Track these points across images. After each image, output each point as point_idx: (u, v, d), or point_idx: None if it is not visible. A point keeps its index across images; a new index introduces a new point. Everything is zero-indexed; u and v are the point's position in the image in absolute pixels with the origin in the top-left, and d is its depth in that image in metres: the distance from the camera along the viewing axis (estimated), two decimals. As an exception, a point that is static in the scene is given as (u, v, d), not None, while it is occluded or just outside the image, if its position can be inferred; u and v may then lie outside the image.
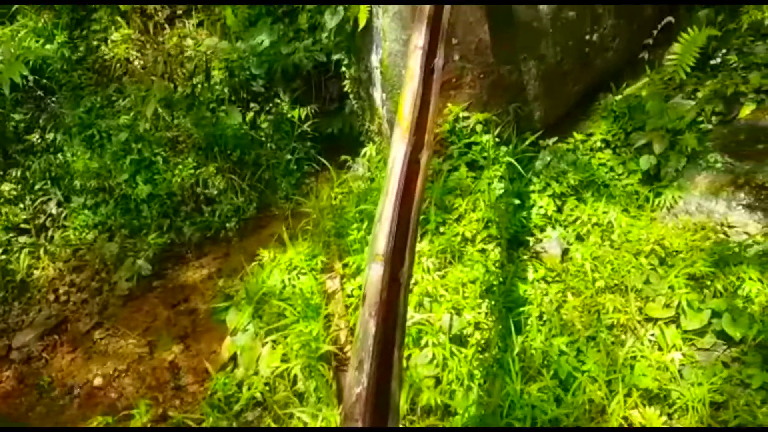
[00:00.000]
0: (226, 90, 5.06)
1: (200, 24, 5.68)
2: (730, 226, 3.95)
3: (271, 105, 5.45)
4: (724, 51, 4.51)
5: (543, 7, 4.35)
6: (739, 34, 4.54)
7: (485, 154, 4.51)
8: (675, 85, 4.60)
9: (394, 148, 2.30)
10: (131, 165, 4.97)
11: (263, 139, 5.47)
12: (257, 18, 5.69)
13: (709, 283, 3.55)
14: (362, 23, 4.65)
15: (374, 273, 1.91)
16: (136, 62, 5.51)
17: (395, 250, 1.98)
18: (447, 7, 2.89)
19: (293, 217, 5.04)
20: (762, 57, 4.38)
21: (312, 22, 5.12)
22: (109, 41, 5.52)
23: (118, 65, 5.49)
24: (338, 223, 4.44)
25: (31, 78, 5.01)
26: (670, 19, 4.61)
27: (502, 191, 4.34)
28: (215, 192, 5.07)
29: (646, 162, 4.38)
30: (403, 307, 2.03)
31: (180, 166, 5.02)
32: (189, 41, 5.00)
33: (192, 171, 5.03)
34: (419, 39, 2.67)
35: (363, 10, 4.61)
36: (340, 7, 4.61)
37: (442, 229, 4.18)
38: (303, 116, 5.44)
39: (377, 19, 4.61)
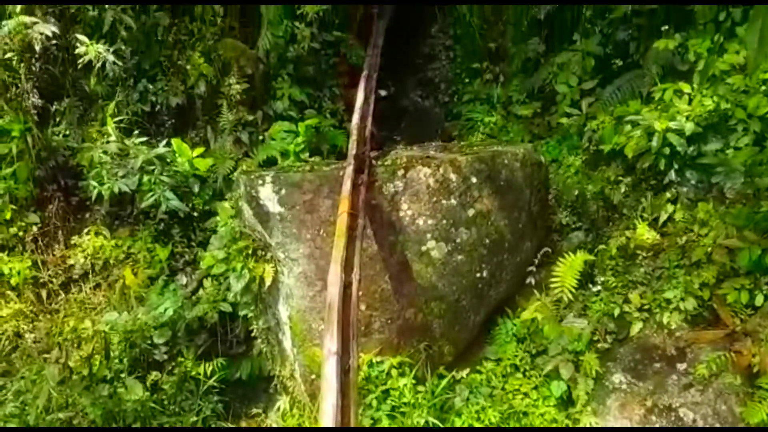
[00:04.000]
0: (125, 361, 4.76)
1: (97, 286, 5.51)
2: (650, 453, 4.01)
3: (174, 364, 5.16)
4: (602, 276, 4.98)
5: (434, 254, 4.70)
6: (611, 255, 5.09)
7: (404, 399, 4.44)
8: (564, 304, 4.96)
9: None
10: (17, 462, 4.34)
11: (165, 402, 5.07)
12: (159, 274, 5.63)
13: None
14: (268, 282, 4.73)
15: None
16: (27, 336, 5.13)
17: None
18: (354, 301, 2.99)
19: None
20: (635, 275, 4.90)
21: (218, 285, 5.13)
22: (-4, 317, 5.15)
23: (7, 342, 5.08)
24: None
25: None
26: (547, 249, 5.13)
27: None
28: (110, 482, 4.48)
29: (557, 388, 4.53)
30: None
31: (73, 454, 4.45)
32: (87, 323, 4.78)
33: (87, 459, 4.47)
34: (332, 343, 2.70)
35: (268, 270, 4.73)
36: (246, 270, 4.70)
37: None
38: (209, 372, 5.16)
39: (283, 276, 4.73)
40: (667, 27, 5.65)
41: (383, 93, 6.85)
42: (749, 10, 4.94)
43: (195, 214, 5.79)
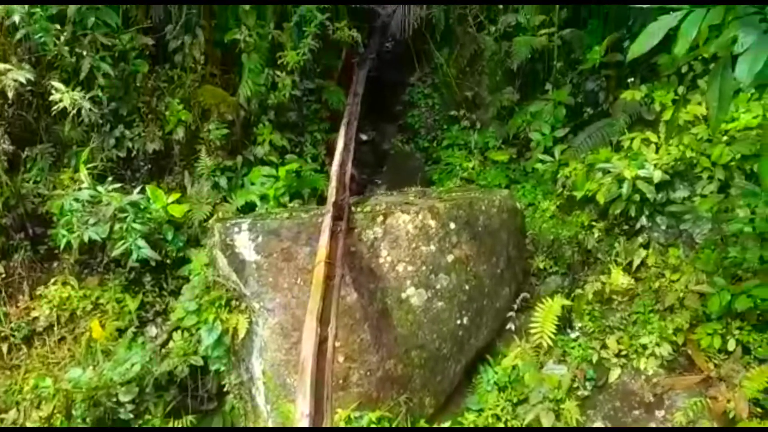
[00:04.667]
0: (88, 421, 4.50)
1: (62, 339, 5.28)
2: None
3: (140, 422, 4.90)
4: (579, 321, 5.00)
5: (414, 301, 4.66)
6: (588, 300, 5.13)
7: (385, 459, 4.30)
8: (544, 350, 4.94)
9: None
10: None
11: (132, 463, 4.81)
12: (127, 326, 5.43)
13: None
14: (242, 334, 4.61)
15: None
16: (-16, 396, 4.84)
17: None
18: (329, 357, 2.91)
19: None
20: (612, 320, 4.94)
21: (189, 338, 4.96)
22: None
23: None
24: None
25: None
26: (526, 294, 5.15)
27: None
28: None
29: (539, 439, 4.45)
30: None
31: None
32: (48, 381, 4.55)
33: None
34: (304, 405, 2.60)
35: (242, 322, 4.61)
36: (218, 322, 4.57)
37: None
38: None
39: (258, 328, 4.61)
40: (633, 78, 5.89)
41: (364, 137, 6.96)
42: (709, 64, 5.20)
43: (168, 261, 5.64)
